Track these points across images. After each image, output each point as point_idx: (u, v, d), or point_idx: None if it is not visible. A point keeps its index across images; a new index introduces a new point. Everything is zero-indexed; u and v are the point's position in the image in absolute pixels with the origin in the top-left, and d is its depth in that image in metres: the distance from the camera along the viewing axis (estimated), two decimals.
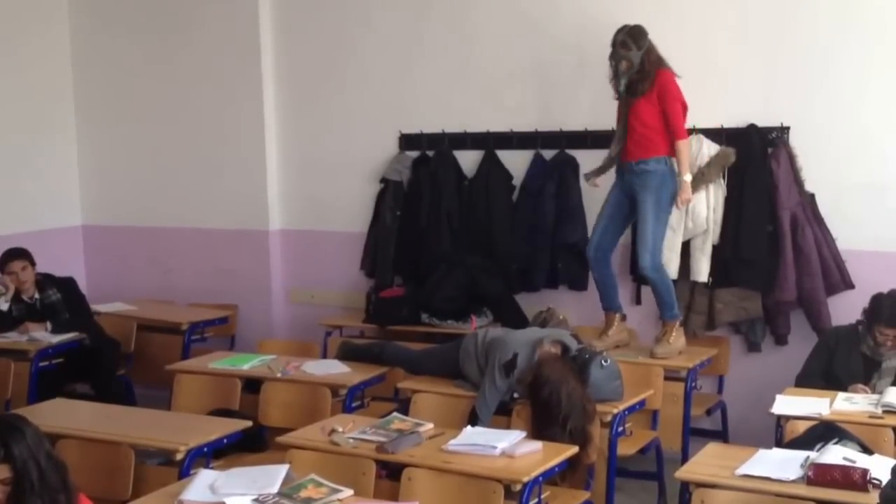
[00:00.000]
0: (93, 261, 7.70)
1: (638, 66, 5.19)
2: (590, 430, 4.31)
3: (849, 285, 5.43)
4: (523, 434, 3.99)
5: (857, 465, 3.40)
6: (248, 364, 5.27)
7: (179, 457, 3.89)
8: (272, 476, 3.40)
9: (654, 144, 5.26)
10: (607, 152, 5.47)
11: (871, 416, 4.17)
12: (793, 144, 5.53)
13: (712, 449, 3.90)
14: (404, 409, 4.70)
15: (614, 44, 5.23)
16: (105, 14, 7.48)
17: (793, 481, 3.41)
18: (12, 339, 5.79)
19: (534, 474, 3.65)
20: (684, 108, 5.28)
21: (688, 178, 5.24)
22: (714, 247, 5.61)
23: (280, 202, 7.08)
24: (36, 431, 2.78)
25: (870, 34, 5.40)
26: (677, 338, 5.34)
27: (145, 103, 7.40)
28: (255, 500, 3.25)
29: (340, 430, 4.03)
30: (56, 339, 5.79)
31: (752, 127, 5.59)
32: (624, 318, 5.60)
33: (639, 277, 5.83)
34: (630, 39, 5.19)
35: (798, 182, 5.51)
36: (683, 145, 5.25)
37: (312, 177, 6.98)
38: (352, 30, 6.73)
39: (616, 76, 5.26)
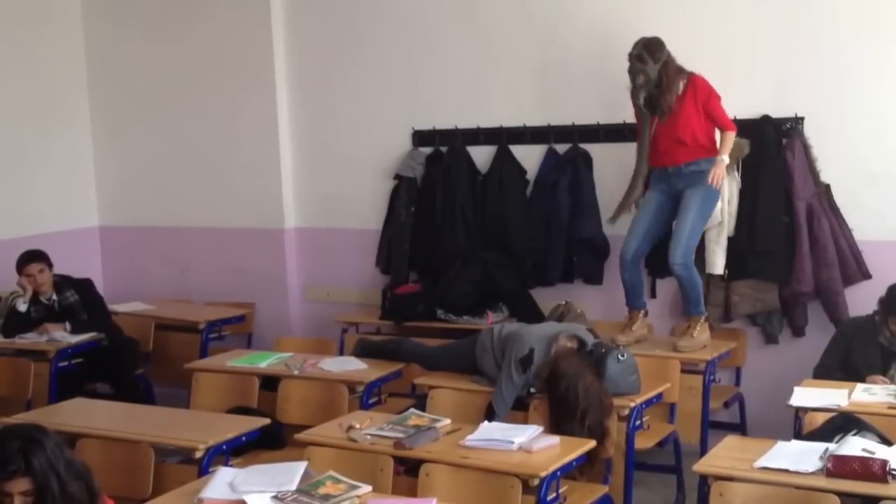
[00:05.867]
0: (110, 261, 7.74)
1: (656, 80, 5.17)
2: (607, 424, 4.31)
3: (866, 276, 5.41)
4: (541, 429, 4.00)
5: (877, 456, 3.38)
6: (266, 362, 5.29)
7: (199, 455, 3.90)
8: (291, 473, 3.41)
9: (703, 147, 5.24)
10: (634, 172, 5.43)
11: (889, 407, 4.15)
12: (807, 135, 5.52)
13: (730, 442, 3.89)
14: (421, 404, 4.70)
15: (629, 60, 5.20)
16: (118, 16, 7.50)
17: (812, 473, 3.40)
18: (32, 339, 5.83)
19: (552, 469, 3.65)
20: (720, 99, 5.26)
21: (726, 158, 5.22)
22: (729, 239, 5.59)
23: (295, 200, 7.10)
24: (56, 441, 2.76)
25: (883, 23, 5.37)
26: (701, 332, 5.31)
27: (159, 104, 7.42)
28: (275, 497, 3.26)
29: (358, 426, 4.04)
30: (75, 339, 5.83)
31: (766, 118, 5.57)
32: (646, 314, 5.59)
33: (654, 271, 5.82)
34: (646, 52, 5.16)
35: (813, 173, 5.49)
36: (732, 136, 5.24)
37: (326, 174, 6.99)
38: (364, 27, 6.74)
39: (635, 89, 5.21)
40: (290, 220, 7.10)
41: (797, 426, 4.26)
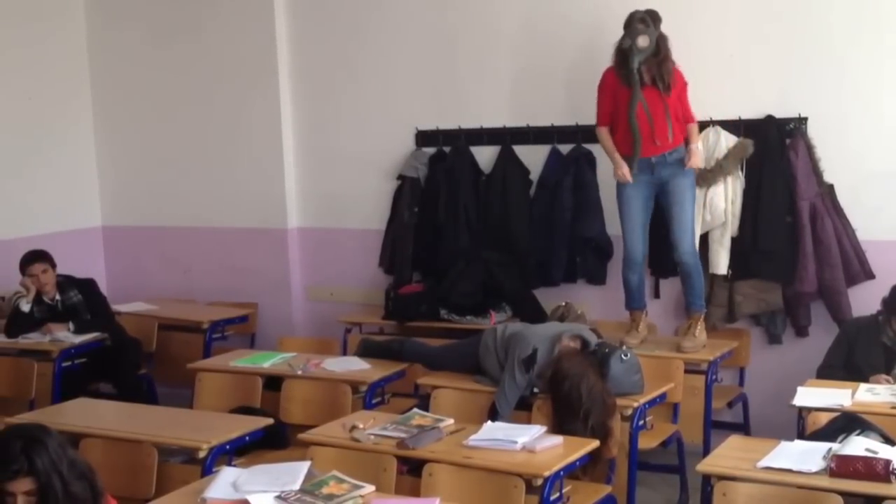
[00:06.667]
0: (113, 261, 7.74)
1: (654, 48, 5.14)
2: (610, 424, 4.31)
3: (869, 275, 5.41)
4: (544, 429, 4.00)
5: (880, 456, 3.38)
6: (269, 362, 5.29)
7: (202, 455, 3.91)
8: (294, 473, 3.41)
9: (680, 133, 5.24)
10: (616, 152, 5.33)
11: (893, 407, 4.14)
12: (811, 135, 5.51)
13: (734, 441, 3.89)
14: (424, 404, 4.70)
15: (631, 21, 5.15)
16: (121, 15, 7.51)
17: (815, 473, 3.40)
18: (35, 339, 5.83)
19: (555, 469, 3.65)
20: None
21: (700, 146, 5.29)
22: (733, 239, 5.60)
23: (298, 200, 7.10)
24: (59, 441, 2.76)
25: (885, 23, 5.37)
26: (702, 330, 5.32)
27: (162, 104, 7.43)
28: (278, 496, 3.26)
29: (361, 426, 4.04)
30: (78, 339, 5.83)
31: (769, 118, 5.57)
32: (647, 313, 5.59)
33: (658, 271, 5.82)
34: (649, 18, 5.15)
35: (817, 173, 5.49)
36: (696, 125, 5.30)
37: (330, 174, 6.99)
38: (367, 27, 6.74)
39: (630, 55, 5.11)
40: (293, 220, 7.10)
41: (800, 426, 4.26)
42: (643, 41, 5.11)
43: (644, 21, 5.14)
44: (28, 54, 7.16)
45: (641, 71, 5.12)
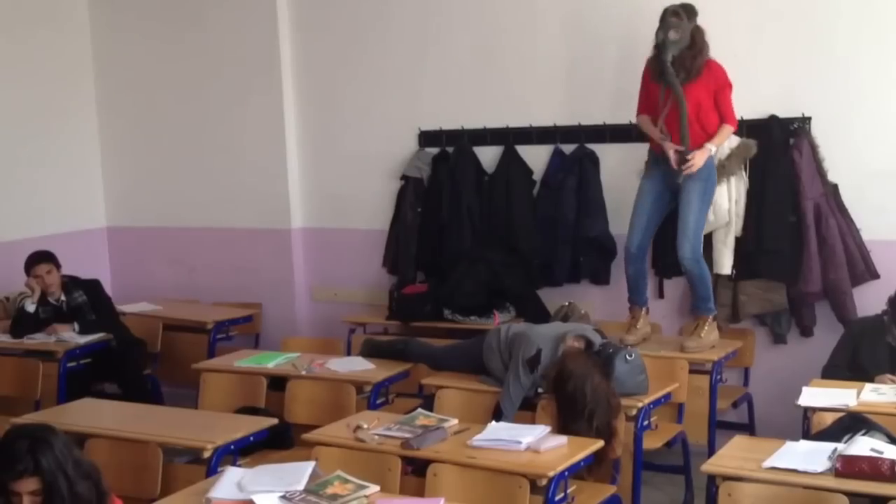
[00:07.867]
0: (118, 262, 7.75)
1: (689, 41, 5.10)
2: (615, 424, 4.30)
3: (874, 275, 5.41)
4: (548, 429, 4.00)
5: (885, 456, 3.37)
6: (274, 362, 5.30)
7: (207, 455, 3.91)
8: (299, 473, 3.41)
9: (705, 133, 5.17)
10: (649, 138, 5.32)
11: None
12: (814, 135, 5.51)
13: (739, 442, 3.89)
14: (429, 405, 4.70)
15: (665, 15, 5.12)
16: (125, 17, 7.52)
17: (820, 473, 3.39)
18: (40, 340, 5.84)
19: (559, 469, 3.65)
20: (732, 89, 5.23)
21: (712, 148, 5.17)
22: (737, 239, 5.59)
23: (301, 201, 7.11)
24: (64, 441, 2.77)
25: (888, 22, 5.36)
26: (709, 332, 5.29)
27: (166, 105, 7.44)
28: (283, 496, 3.26)
29: (366, 426, 4.04)
30: (83, 339, 5.84)
31: (773, 118, 5.57)
32: (647, 311, 5.58)
33: (662, 270, 5.82)
34: (682, 11, 5.12)
35: (821, 172, 5.49)
36: (730, 130, 5.22)
37: (333, 175, 7.00)
38: (370, 27, 6.74)
39: (663, 48, 5.09)
40: (296, 220, 7.11)
41: (806, 426, 4.26)
42: (674, 35, 5.08)
43: (677, 14, 5.11)
44: (32, 56, 7.16)
45: (675, 65, 5.08)
